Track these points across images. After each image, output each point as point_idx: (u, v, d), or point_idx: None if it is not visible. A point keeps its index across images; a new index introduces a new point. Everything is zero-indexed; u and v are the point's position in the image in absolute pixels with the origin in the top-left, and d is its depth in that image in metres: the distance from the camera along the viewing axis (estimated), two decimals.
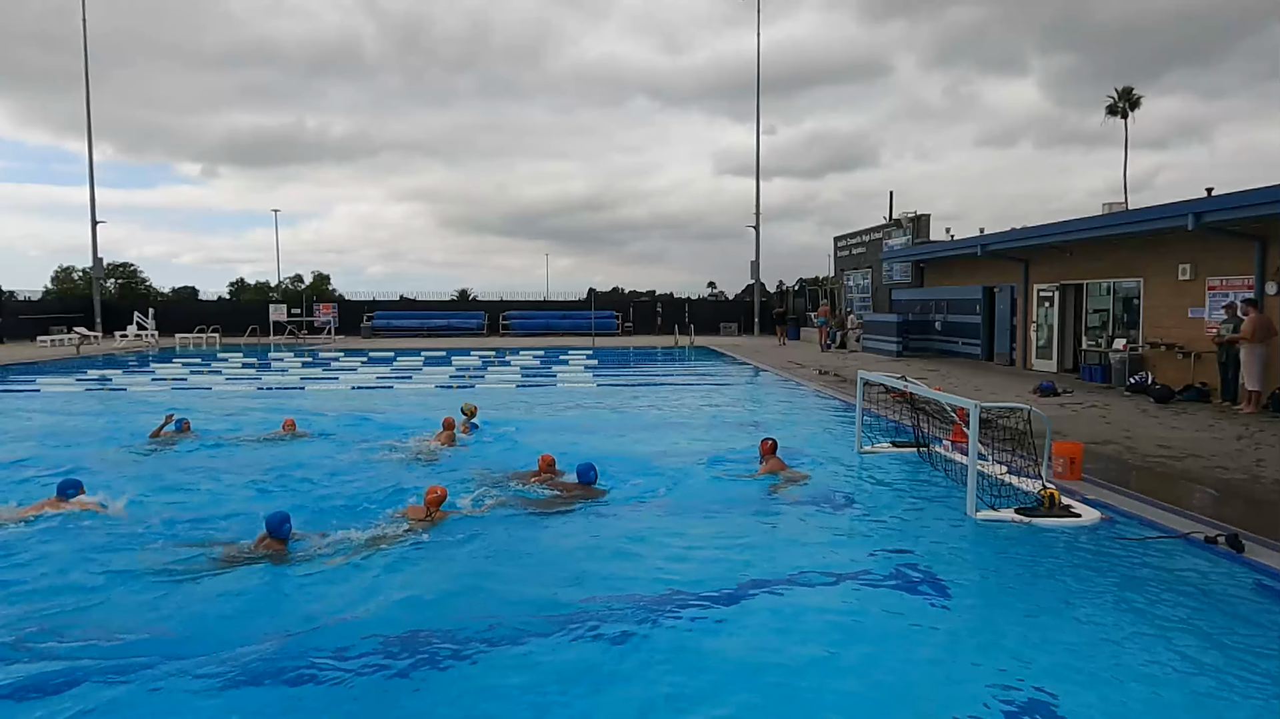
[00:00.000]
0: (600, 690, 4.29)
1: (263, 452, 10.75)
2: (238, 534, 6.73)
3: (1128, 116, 50.68)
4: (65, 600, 5.50)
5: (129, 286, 56.32)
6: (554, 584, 5.77)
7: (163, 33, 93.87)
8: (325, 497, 8.29)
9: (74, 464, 9.48)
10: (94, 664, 4.51)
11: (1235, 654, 4.56)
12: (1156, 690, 4.20)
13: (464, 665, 4.58)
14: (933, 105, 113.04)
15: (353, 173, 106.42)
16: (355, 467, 9.62)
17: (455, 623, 5.09)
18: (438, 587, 5.75)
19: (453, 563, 6.24)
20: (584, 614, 5.17)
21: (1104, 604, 5.32)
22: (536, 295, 48.36)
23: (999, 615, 5.28)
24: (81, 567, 6.11)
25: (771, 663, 4.58)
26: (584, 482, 8.08)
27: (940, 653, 4.72)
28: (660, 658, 4.61)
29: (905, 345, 25.60)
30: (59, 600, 5.48)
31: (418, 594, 5.55)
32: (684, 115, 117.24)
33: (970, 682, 4.34)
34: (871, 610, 5.33)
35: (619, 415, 14.46)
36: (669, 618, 5.15)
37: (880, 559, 6.31)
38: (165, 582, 5.79)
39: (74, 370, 22.80)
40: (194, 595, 5.59)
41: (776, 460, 8.97)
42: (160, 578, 5.86)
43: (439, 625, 5.06)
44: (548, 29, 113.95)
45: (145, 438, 11.19)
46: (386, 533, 6.72)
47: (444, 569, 6.12)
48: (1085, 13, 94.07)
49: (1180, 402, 14.21)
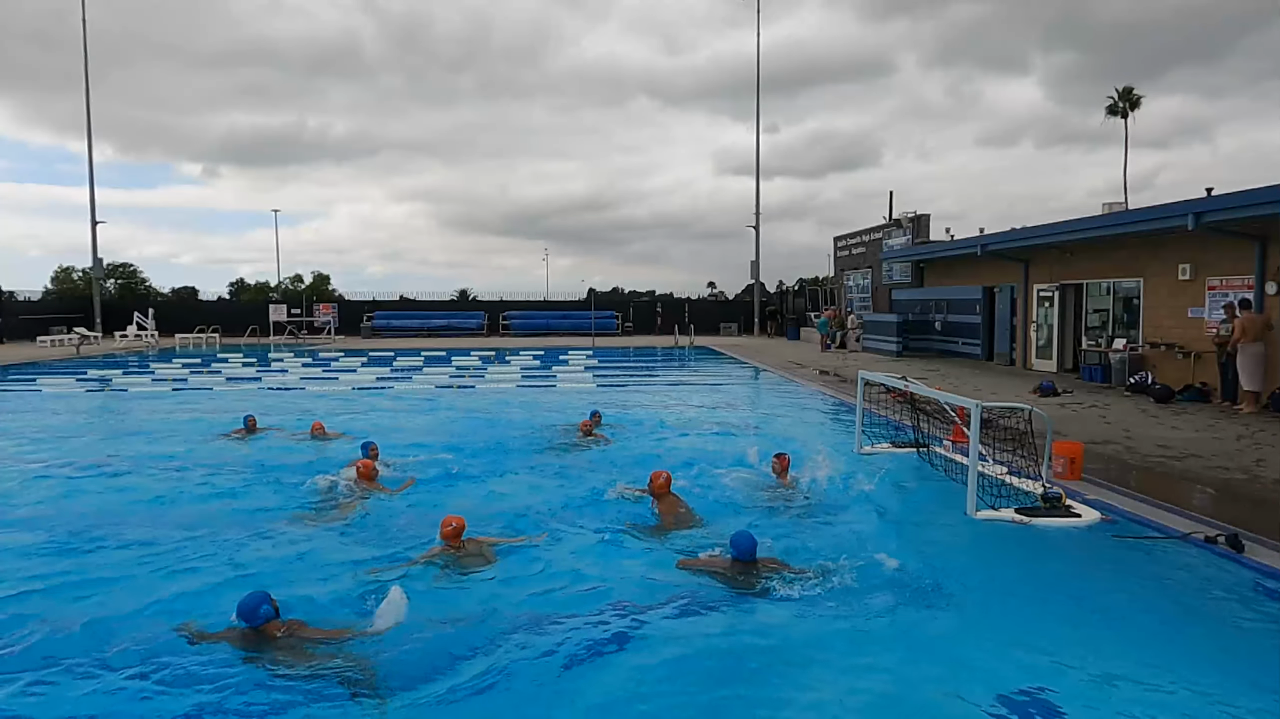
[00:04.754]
0: (599, 693, 4.29)
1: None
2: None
3: (1128, 116, 50.71)
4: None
5: (129, 287, 56.25)
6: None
7: (163, 33, 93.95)
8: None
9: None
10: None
11: (1235, 654, 4.57)
12: (1156, 690, 4.20)
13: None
14: (933, 105, 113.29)
15: (353, 173, 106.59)
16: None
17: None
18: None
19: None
20: (559, 623, 5.14)
21: (1103, 604, 5.33)
22: (536, 295, 48.45)
23: (999, 615, 5.28)
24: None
25: (772, 663, 4.59)
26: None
27: (940, 653, 4.72)
28: (658, 660, 4.61)
29: (905, 345, 25.60)
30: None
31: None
32: (684, 115, 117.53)
33: (970, 682, 4.34)
34: (871, 610, 5.33)
35: (616, 416, 14.46)
36: (664, 620, 5.15)
37: (879, 558, 6.30)
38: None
39: (74, 370, 22.81)
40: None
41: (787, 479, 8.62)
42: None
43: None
44: (548, 29, 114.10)
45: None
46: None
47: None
48: (1086, 12, 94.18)
49: (1180, 402, 14.21)
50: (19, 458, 10.62)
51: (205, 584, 5.86)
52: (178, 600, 5.52)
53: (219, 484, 9.00)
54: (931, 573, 5.94)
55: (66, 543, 6.86)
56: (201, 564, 6.35)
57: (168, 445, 11.28)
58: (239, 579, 5.87)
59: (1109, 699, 4.12)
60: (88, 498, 8.56)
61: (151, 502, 8.32)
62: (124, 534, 7.10)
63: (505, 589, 5.73)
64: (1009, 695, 4.15)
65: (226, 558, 6.49)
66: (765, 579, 5.63)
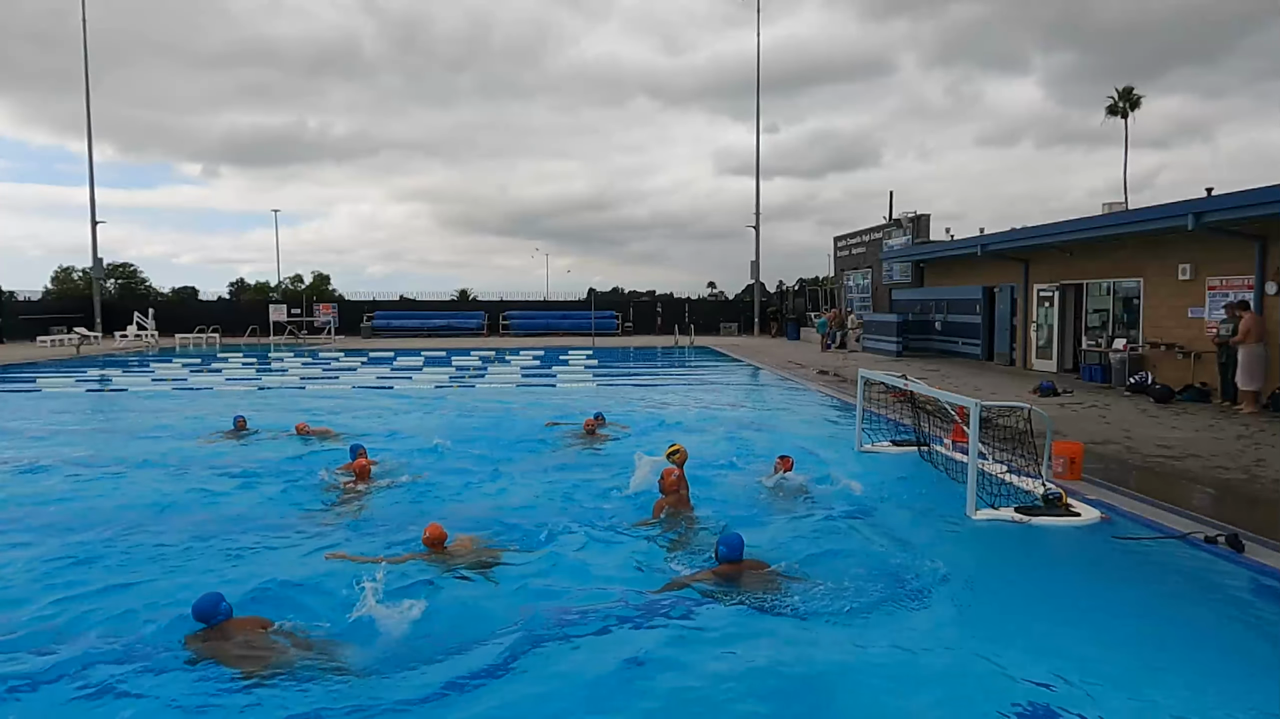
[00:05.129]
0: (597, 697, 4.29)
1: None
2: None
3: (1128, 116, 50.71)
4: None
5: (129, 287, 56.33)
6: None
7: (163, 33, 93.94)
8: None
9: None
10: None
11: (1235, 654, 4.56)
12: (1156, 690, 4.20)
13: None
14: (933, 105, 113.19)
15: (353, 173, 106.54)
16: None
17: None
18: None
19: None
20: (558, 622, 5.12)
21: (1104, 604, 5.32)
22: (536, 295, 48.44)
23: (999, 615, 5.27)
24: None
25: (771, 663, 4.58)
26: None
27: (940, 653, 4.72)
28: (657, 662, 4.60)
29: (905, 345, 25.60)
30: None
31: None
32: (684, 115, 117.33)
33: (970, 681, 4.34)
34: (871, 610, 5.32)
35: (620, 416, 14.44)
36: (662, 621, 5.14)
37: (880, 559, 6.31)
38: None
39: (74, 370, 22.80)
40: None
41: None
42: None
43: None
44: (548, 28, 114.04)
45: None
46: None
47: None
48: (1087, 11, 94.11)
49: (1180, 402, 14.21)
50: (15, 458, 10.61)
51: (185, 582, 5.80)
52: (154, 602, 5.45)
53: (205, 484, 8.97)
54: (931, 572, 5.92)
55: (63, 542, 6.85)
56: (182, 565, 6.34)
57: (153, 445, 11.24)
58: (224, 581, 5.76)
59: (1108, 699, 4.11)
60: (79, 499, 8.49)
61: (138, 502, 8.26)
62: (109, 534, 7.10)
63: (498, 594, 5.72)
64: (1008, 695, 4.14)
65: (209, 559, 6.46)
66: (759, 585, 5.59)
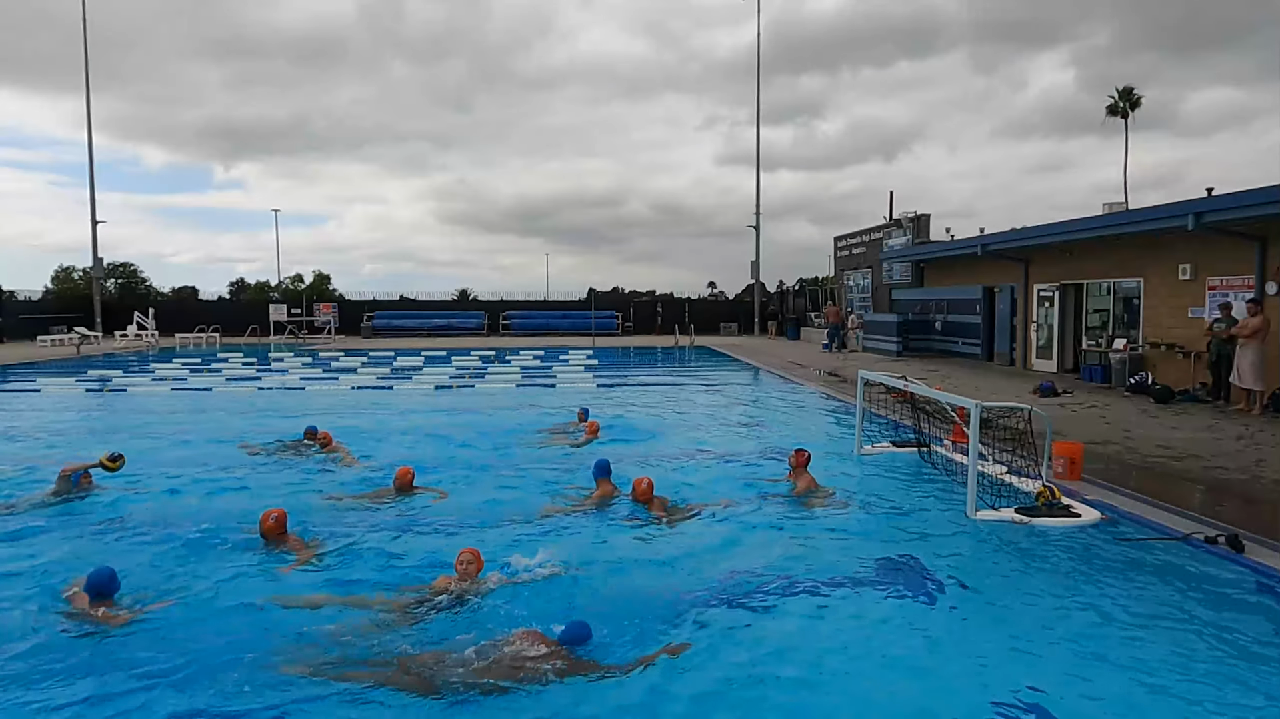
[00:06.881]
0: (598, 700, 4.29)
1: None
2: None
3: (1128, 116, 50.72)
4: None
5: (129, 287, 56.21)
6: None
7: (163, 30, 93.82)
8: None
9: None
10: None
11: (1235, 654, 4.56)
12: (1156, 691, 4.20)
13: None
14: (934, 104, 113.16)
15: (354, 172, 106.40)
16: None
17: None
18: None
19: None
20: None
21: (1104, 604, 5.32)
22: (537, 295, 48.42)
23: (999, 616, 5.27)
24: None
25: (771, 664, 4.59)
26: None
27: (940, 653, 4.72)
28: (658, 664, 4.60)
29: (905, 345, 25.59)
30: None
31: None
32: (685, 114, 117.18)
33: (970, 681, 4.34)
34: (871, 610, 5.33)
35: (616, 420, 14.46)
36: (662, 626, 5.15)
37: (880, 559, 6.31)
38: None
39: (74, 370, 22.80)
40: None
41: (809, 477, 8.33)
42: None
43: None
44: (548, 28, 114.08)
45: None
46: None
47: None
48: (1088, 11, 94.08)
49: (1180, 402, 14.21)
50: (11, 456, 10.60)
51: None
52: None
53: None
54: (931, 572, 5.93)
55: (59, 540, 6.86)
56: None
57: (145, 445, 11.24)
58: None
59: (1108, 699, 4.12)
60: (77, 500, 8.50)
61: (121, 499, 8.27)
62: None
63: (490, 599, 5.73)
64: (1008, 695, 4.14)
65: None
66: (755, 581, 5.61)
